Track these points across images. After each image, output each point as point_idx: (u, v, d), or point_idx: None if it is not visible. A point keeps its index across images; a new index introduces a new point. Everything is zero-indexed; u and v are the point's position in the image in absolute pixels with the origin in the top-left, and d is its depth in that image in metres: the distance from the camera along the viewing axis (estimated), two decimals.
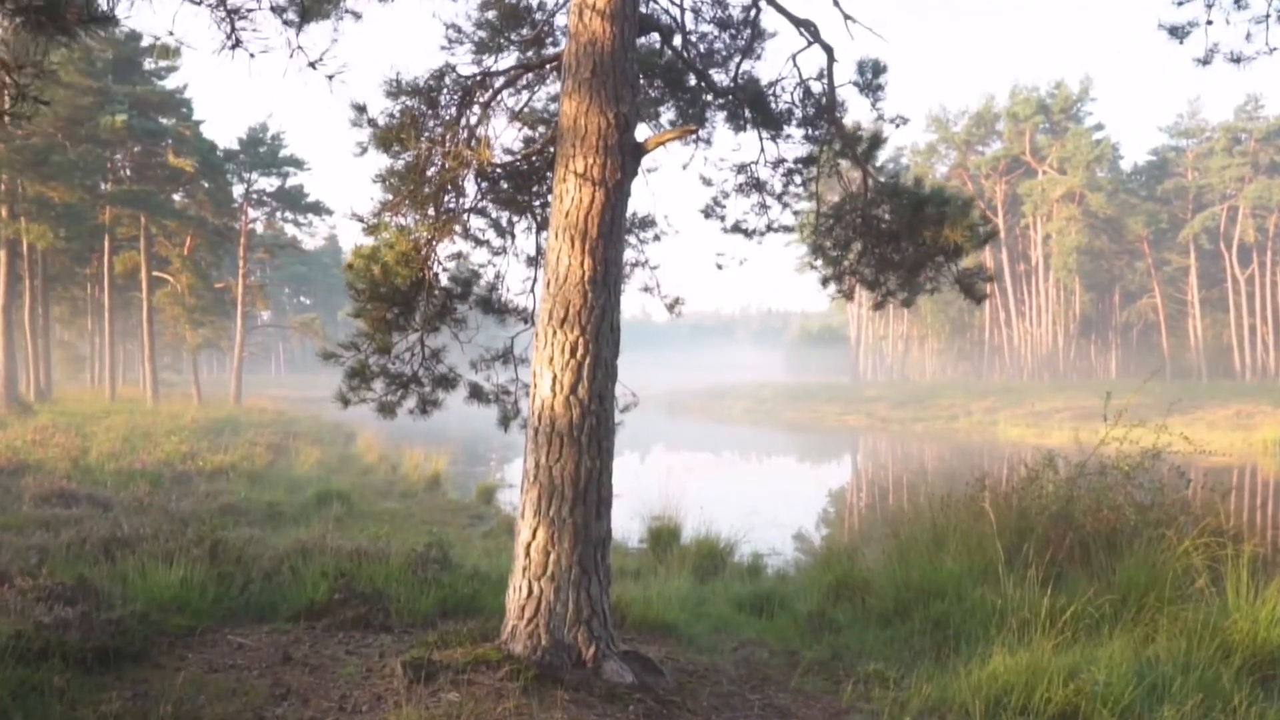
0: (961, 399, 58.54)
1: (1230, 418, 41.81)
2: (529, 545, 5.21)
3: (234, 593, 6.87)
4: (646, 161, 5.71)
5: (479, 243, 7.48)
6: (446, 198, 6.80)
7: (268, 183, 47.34)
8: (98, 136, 32.04)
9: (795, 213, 7.99)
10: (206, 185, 39.65)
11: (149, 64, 37.00)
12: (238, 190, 46.38)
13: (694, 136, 8.19)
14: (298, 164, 46.76)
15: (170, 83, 39.70)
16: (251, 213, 47.95)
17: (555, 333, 5.23)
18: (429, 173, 6.41)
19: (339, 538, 10.15)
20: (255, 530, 10.96)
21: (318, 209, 47.62)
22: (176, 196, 41.81)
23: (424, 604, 6.77)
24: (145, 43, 35.30)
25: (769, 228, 8.00)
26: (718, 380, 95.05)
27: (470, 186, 7.13)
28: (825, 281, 8.24)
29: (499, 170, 7.22)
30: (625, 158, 5.37)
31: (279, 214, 49.82)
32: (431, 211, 6.67)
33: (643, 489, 14.88)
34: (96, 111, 31.61)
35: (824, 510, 22.06)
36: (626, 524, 14.58)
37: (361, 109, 6.26)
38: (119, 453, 18.39)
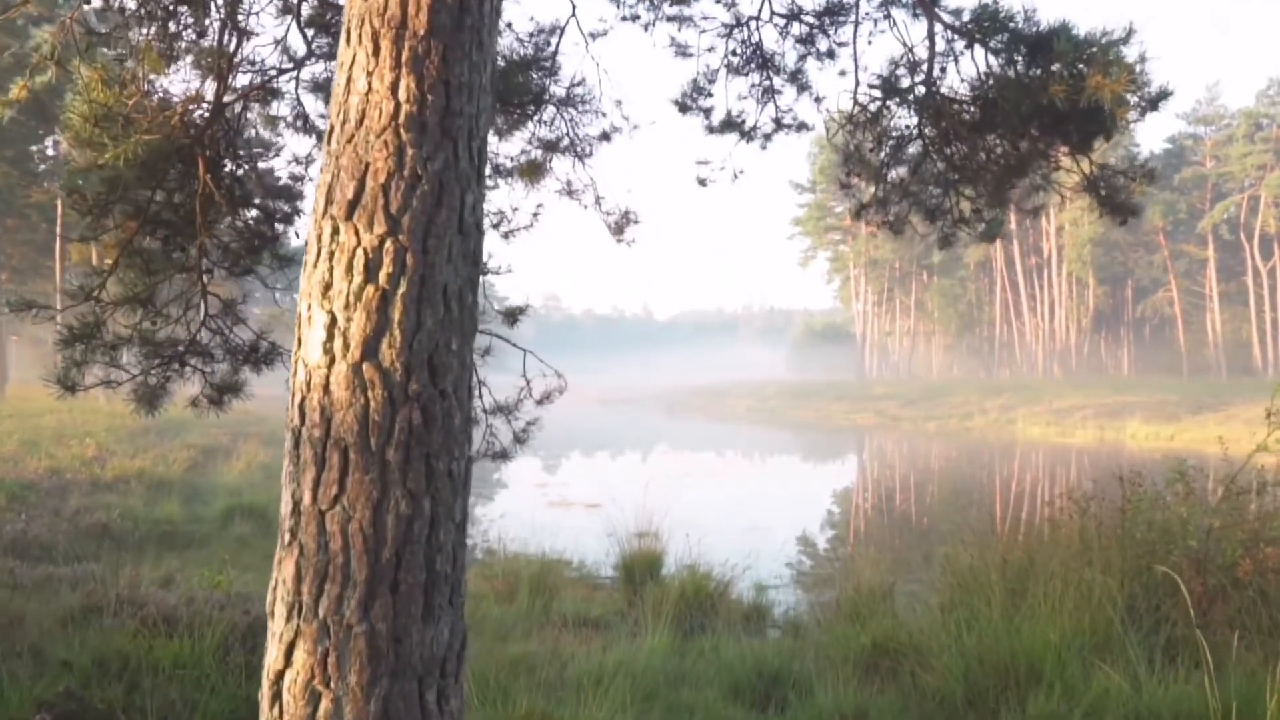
0: (974, 396, 56.17)
1: (1265, 415, 39.02)
2: (279, 677, 2.47)
3: None
4: (586, 19, 2.95)
5: (318, 134, 4.73)
6: (244, 40, 4.06)
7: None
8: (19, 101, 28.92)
9: (817, 99, 5.22)
10: None
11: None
12: None
13: None
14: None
15: None
16: None
17: (337, 232, 2.49)
18: None
19: (189, 578, 7.52)
20: (94, 565, 8.24)
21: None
22: None
23: None
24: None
25: (778, 123, 5.23)
26: (720, 379, 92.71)
27: (295, 36, 4.40)
28: (859, 212, 5.49)
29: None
30: None
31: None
32: (212, 62, 3.92)
33: (628, 500, 12.05)
34: (19, 73, 28.46)
35: (840, 523, 19.35)
36: (598, 546, 11.81)
37: None
38: (11, 457, 15.67)
